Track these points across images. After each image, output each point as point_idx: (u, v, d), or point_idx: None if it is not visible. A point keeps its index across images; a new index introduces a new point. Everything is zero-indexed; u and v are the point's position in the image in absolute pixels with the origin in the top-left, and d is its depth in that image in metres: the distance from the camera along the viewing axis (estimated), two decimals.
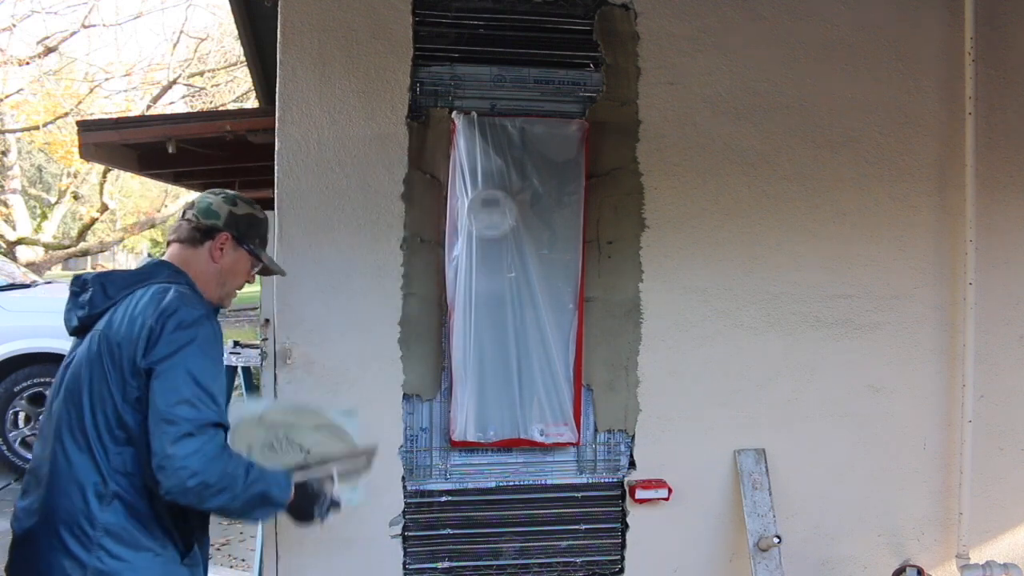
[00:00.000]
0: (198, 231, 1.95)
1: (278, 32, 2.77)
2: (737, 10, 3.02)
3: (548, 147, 2.85)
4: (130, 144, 5.11)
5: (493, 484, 2.93)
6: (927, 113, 3.14)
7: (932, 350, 3.17)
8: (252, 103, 11.15)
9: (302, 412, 2.29)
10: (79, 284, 1.88)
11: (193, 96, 14.72)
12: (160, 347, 1.71)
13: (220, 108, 13.28)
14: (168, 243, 2.03)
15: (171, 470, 1.65)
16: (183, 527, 1.83)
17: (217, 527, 4.53)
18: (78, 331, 1.89)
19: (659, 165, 2.98)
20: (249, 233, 2.02)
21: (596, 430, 2.97)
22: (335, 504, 2.00)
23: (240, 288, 2.07)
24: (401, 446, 2.84)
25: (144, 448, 1.70)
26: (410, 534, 2.88)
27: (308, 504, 1.93)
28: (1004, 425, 3.23)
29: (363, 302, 2.82)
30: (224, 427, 1.77)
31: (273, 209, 2.83)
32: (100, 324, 1.81)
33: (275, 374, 2.78)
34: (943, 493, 3.19)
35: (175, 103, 14.52)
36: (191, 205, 2.01)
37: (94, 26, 13.31)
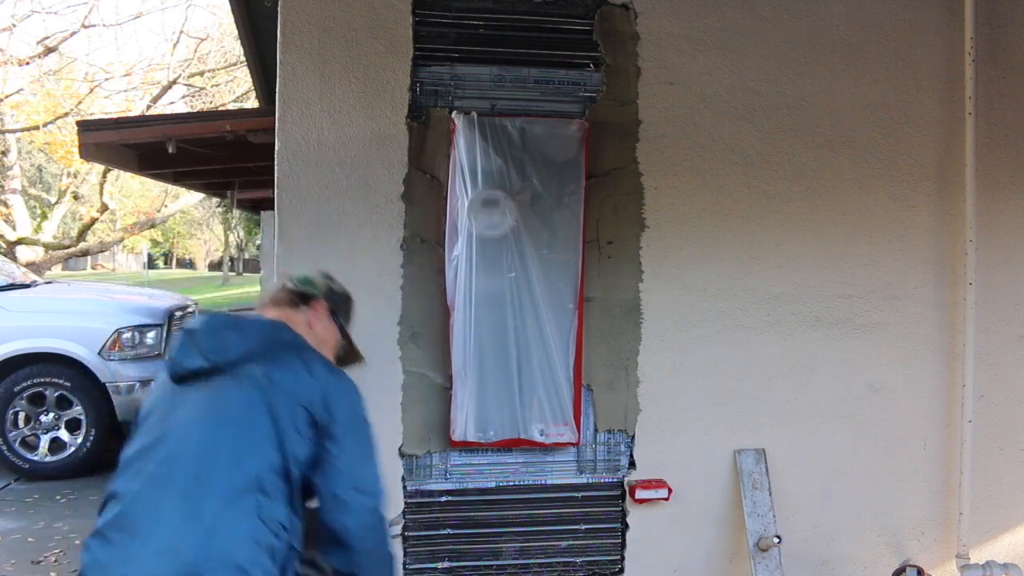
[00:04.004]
0: (296, 295, 1.96)
1: (278, 32, 2.77)
2: (737, 10, 3.02)
3: (548, 147, 2.85)
4: (130, 144, 5.13)
5: (493, 484, 2.93)
6: (927, 113, 3.14)
7: (932, 350, 3.17)
8: (252, 103, 11.14)
9: None
10: (219, 322, 1.80)
11: (193, 96, 14.72)
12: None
13: (220, 108, 13.29)
14: (263, 307, 1.98)
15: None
16: None
17: None
18: (196, 375, 1.73)
19: (659, 165, 2.98)
20: (342, 308, 2.06)
21: (596, 430, 2.97)
22: None
23: None
24: (401, 446, 2.85)
25: (299, 504, 1.70)
26: (410, 534, 2.88)
27: None
28: (1004, 425, 3.23)
29: (363, 302, 2.81)
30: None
31: (273, 209, 2.84)
32: (263, 377, 1.70)
33: None
34: (943, 493, 3.19)
35: (175, 103, 14.51)
36: (288, 278, 2.04)
37: (94, 26, 13.31)
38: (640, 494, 2.95)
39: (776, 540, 2.93)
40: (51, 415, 5.61)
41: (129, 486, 1.63)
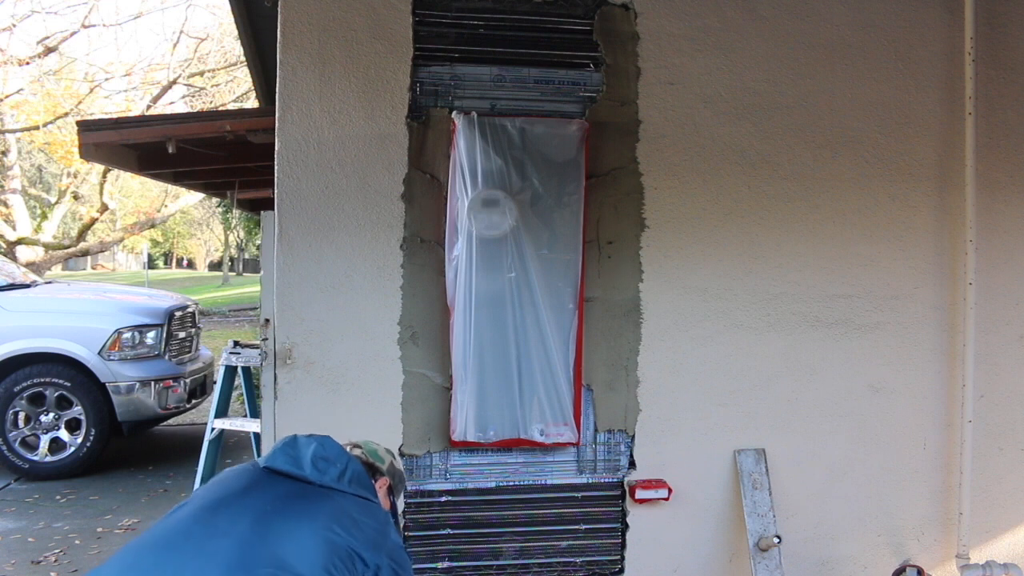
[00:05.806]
0: (367, 466, 2.03)
1: (278, 32, 2.77)
2: (737, 10, 3.02)
3: (548, 147, 2.85)
4: (130, 144, 5.12)
5: (493, 484, 2.93)
6: (927, 113, 3.14)
7: (932, 350, 3.17)
8: (252, 103, 11.14)
9: None
10: (333, 451, 1.89)
11: (193, 96, 14.71)
12: None
13: (220, 108, 13.28)
14: None
15: None
16: None
17: None
18: (284, 474, 1.82)
19: (659, 165, 2.98)
20: (398, 488, 2.15)
21: (596, 430, 2.97)
22: None
23: None
24: (401, 446, 2.85)
25: None
26: (410, 534, 2.88)
27: None
28: (1004, 425, 3.23)
29: (363, 302, 2.82)
30: None
31: (273, 209, 2.84)
32: (337, 508, 1.78)
33: (275, 374, 2.78)
34: (943, 493, 3.19)
35: (175, 103, 14.50)
36: (356, 445, 2.09)
37: (94, 26, 13.29)
38: (640, 494, 2.95)
39: (776, 540, 2.93)
40: (51, 415, 5.61)
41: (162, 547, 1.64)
